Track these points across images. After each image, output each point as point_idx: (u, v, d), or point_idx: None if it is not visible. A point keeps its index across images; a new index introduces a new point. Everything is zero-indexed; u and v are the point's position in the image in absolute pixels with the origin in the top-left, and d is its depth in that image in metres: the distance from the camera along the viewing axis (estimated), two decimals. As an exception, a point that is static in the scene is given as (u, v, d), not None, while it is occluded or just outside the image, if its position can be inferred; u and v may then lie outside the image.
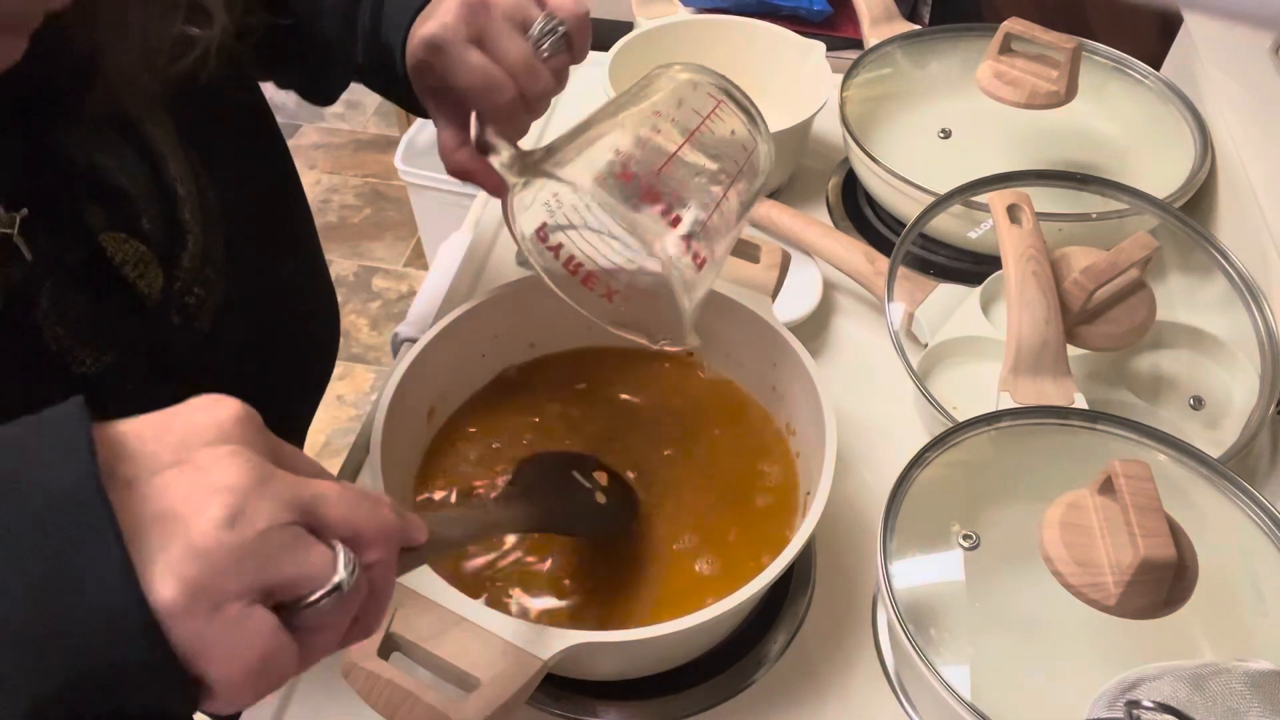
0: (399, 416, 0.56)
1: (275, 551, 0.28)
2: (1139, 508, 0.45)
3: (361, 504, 0.32)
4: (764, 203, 0.80)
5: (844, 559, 0.63)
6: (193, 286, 0.51)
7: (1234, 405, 0.68)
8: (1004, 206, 0.66)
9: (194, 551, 0.27)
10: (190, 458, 0.29)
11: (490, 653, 0.45)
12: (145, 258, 0.49)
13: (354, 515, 0.31)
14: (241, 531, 0.28)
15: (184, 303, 0.51)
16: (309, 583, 0.29)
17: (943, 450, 0.57)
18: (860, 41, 0.92)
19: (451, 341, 0.61)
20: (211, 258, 0.53)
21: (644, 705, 0.56)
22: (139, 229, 0.48)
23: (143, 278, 0.49)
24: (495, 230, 0.86)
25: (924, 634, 0.50)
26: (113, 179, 0.47)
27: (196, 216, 0.52)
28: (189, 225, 0.51)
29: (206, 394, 0.31)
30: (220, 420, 0.30)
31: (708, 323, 0.64)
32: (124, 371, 0.48)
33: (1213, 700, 0.43)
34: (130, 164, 0.48)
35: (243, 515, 0.28)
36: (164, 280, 0.50)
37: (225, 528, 0.27)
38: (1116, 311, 0.65)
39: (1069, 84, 0.76)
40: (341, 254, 2.11)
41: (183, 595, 0.26)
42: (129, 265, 0.48)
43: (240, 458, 0.29)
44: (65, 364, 0.46)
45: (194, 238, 0.51)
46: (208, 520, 0.27)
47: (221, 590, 0.27)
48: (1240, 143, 0.78)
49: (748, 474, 0.62)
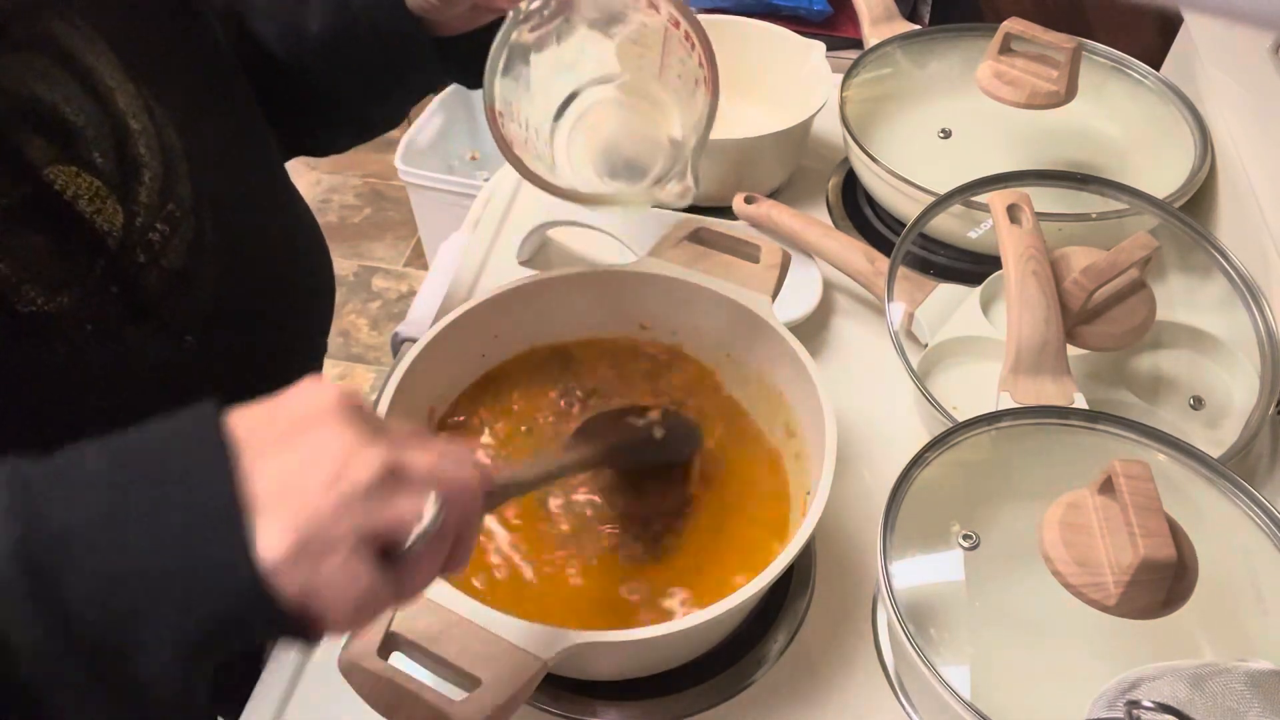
0: (399, 416, 0.56)
1: (369, 505, 0.33)
2: (1139, 508, 0.45)
3: (446, 460, 0.36)
4: (764, 202, 0.80)
5: (844, 559, 0.63)
6: (155, 223, 0.50)
7: (1234, 405, 0.68)
8: (1004, 206, 0.66)
9: (298, 515, 0.32)
10: (294, 440, 0.33)
11: (490, 653, 0.45)
12: (100, 192, 0.48)
13: (439, 469, 0.36)
14: (340, 490, 0.33)
15: (148, 240, 0.50)
16: (402, 527, 0.34)
17: (943, 450, 0.57)
18: (860, 41, 0.92)
19: (451, 341, 0.61)
20: (175, 194, 0.51)
21: (644, 705, 0.56)
22: (90, 163, 0.47)
23: (100, 213, 0.48)
24: (495, 230, 0.86)
25: (924, 634, 0.50)
26: (57, 111, 0.46)
27: (154, 151, 0.51)
28: (145, 159, 0.50)
29: (308, 380, 0.36)
30: (321, 404, 0.34)
31: (708, 322, 0.65)
32: (88, 311, 0.47)
33: (1213, 700, 0.43)
34: (76, 97, 0.48)
35: (340, 478, 0.33)
36: (124, 216, 0.49)
37: (325, 491, 0.32)
38: (1116, 311, 0.65)
39: (1069, 84, 0.76)
40: (341, 254, 2.11)
41: (290, 551, 0.32)
42: (83, 200, 0.47)
43: (336, 430, 0.34)
44: (9, 302, 0.44)
45: (151, 173, 0.50)
46: (311, 487, 0.32)
47: (324, 542, 0.32)
48: (1240, 143, 0.78)
49: (748, 473, 0.62)
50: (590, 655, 0.48)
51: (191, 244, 0.52)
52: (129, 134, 0.50)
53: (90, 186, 0.47)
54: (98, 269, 0.48)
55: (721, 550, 0.58)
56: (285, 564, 0.32)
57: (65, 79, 0.47)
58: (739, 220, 0.81)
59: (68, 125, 0.47)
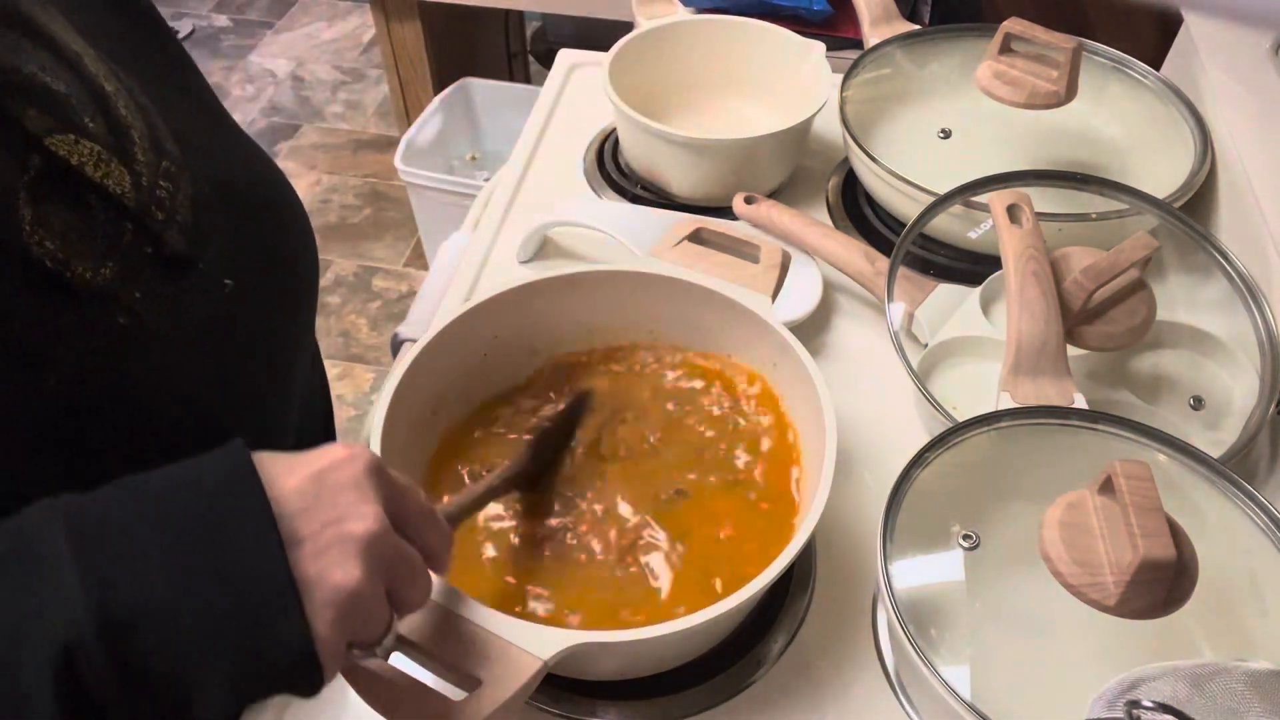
0: (399, 416, 0.56)
1: (388, 573, 0.40)
2: (1139, 508, 0.45)
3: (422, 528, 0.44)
4: (764, 202, 0.80)
5: (844, 559, 0.63)
6: (158, 180, 0.50)
7: (1234, 405, 0.68)
8: (1004, 206, 0.66)
9: (340, 593, 0.38)
10: (335, 516, 0.38)
11: (490, 653, 0.45)
12: (102, 156, 0.48)
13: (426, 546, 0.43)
14: (368, 565, 0.39)
15: (158, 198, 0.50)
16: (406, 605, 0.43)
17: (943, 450, 0.57)
18: (860, 41, 0.92)
19: (451, 342, 0.61)
20: (164, 150, 0.51)
21: (644, 705, 0.56)
22: (84, 129, 0.47)
23: (108, 176, 0.48)
24: (495, 230, 0.86)
25: (924, 634, 0.50)
26: (38, 81, 0.46)
27: (133, 111, 0.51)
28: (129, 120, 0.50)
29: (340, 446, 0.41)
30: (356, 475, 0.40)
31: (708, 322, 0.65)
32: (132, 277, 0.48)
33: (1213, 700, 0.43)
34: (52, 66, 0.47)
35: (367, 554, 0.39)
36: (130, 177, 0.49)
37: (356, 565, 0.38)
38: (1116, 311, 0.65)
39: (1069, 84, 0.76)
40: (341, 254, 2.11)
41: (333, 625, 0.37)
42: (89, 165, 0.47)
43: (365, 508, 0.39)
44: (66, 281, 0.45)
45: (138, 132, 0.50)
46: (348, 566, 0.38)
47: (358, 612, 0.39)
48: (1240, 143, 0.78)
49: (748, 474, 0.62)
50: (590, 655, 0.48)
51: (194, 197, 0.52)
52: (107, 97, 0.50)
53: (92, 152, 0.47)
54: (126, 234, 0.48)
55: (721, 550, 0.58)
56: (329, 635, 0.37)
57: (36, 49, 0.47)
58: (739, 220, 0.81)
59: (53, 94, 0.47)
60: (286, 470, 0.39)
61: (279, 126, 2.42)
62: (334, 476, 0.39)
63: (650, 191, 0.89)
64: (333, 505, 0.38)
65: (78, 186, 0.47)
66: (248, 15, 2.79)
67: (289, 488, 0.38)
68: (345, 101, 2.50)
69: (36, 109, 0.46)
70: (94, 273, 0.46)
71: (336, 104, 2.50)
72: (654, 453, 0.62)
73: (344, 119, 2.46)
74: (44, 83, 0.46)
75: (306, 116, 2.46)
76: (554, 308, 0.65)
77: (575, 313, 0.66)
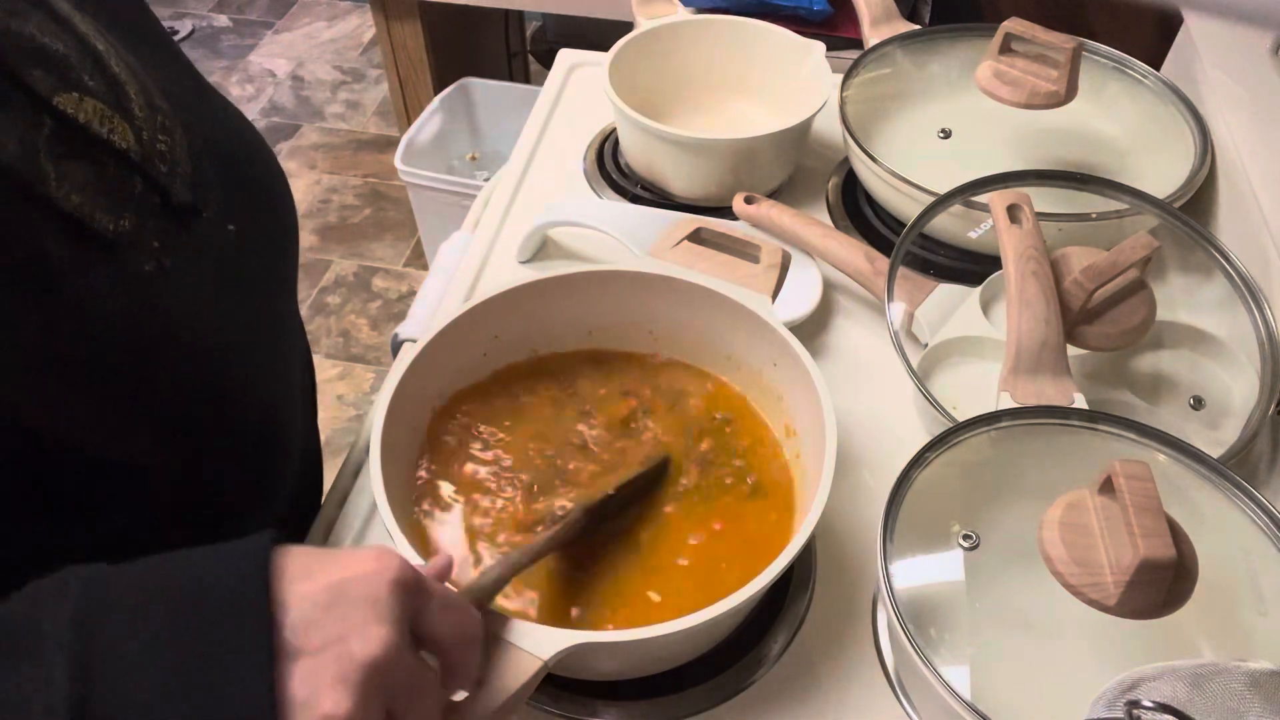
0: (399, 417, 0.56)
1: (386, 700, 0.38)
2: (1139, 508, 0.45)
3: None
4: (764, 203, 0.80)
5: (844, 559, 0.63)
6: (157, 134, 0.51)
7: (1234, 405, 0.68)
8: (1004, 206, 0.66)
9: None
10: (341, 634, 0.37)
11: (490, 653, 0.45)
12: (105, 113, 0.48)
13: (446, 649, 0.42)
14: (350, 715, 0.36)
15: (159, 151, 0.51)
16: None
17: (943, 450, 0.57)
18: (860, 41, 0.92)
19: (452, 342, 0.61)
20: (156, 106, 0.52)
21: (644, 705, 0.56)
22: (86, 87, 0.48)
23: (114, 132, 0.48)
24: (495, 230, 0.86)
25: (924, 634, 0.51)
26: (40, 41, 0.47)
27: (125, 68, 0.51)
28: (122, 76, 0.51)
29: (371, 554, 0.39)
30: (377, 590, 0.38)
31: (708, 322, 0.65)
32: (149, 227, 0.49)
33: (1213, 700, 0.43)
34: (48, 27, 0.48)
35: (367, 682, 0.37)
36: (132, 133, 0.50)
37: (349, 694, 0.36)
38: (1116, 311, 0.65)
39: (1069, 84, 0.76)
40: (341, 254, 2.11)
41: None
42: (96, 122, 0.48)
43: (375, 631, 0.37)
44: (91, 229, 0.46)
45: (132, 88, 0.51)
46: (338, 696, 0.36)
47: None
48: (1240, 143, 0.78)
49: (748, 474, 0.62)
50: (590, 655, 0.48)
51: (189, 149, 0.53)
52: (100, 55, 0.50)
53: (96, 110, 0.48)
54: (137, 186, 0.49)
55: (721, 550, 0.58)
56: None
57: (30, 10, 0.48)
58: (739, 220, 0.81)
59: (53, 54, 0.47)
60: (305, 573, 0.38)
61: (279, 126, 2.42)
62: (354, 589, 0.38)
63: (650, 191, 0.90)
64: (342, 620, 0.37)
65: (86, 144, 0.47)
66: (248, 15, 2.79)
67: (302, 593, 0.37)
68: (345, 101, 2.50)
69: (41, 69, 0.46)
70: (115, 224, 0.47)
71: (336, 104, 2.50)
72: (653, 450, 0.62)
73: (344, 119, 2.46)
74: (43, 44, 0.47)
75: (306, 116, 2.46)
76: (554, 308, 0.65)
77: (575, 313, 0.66)
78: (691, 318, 0.65)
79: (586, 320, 0.67)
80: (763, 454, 0.63)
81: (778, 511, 0.60)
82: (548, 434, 0.63)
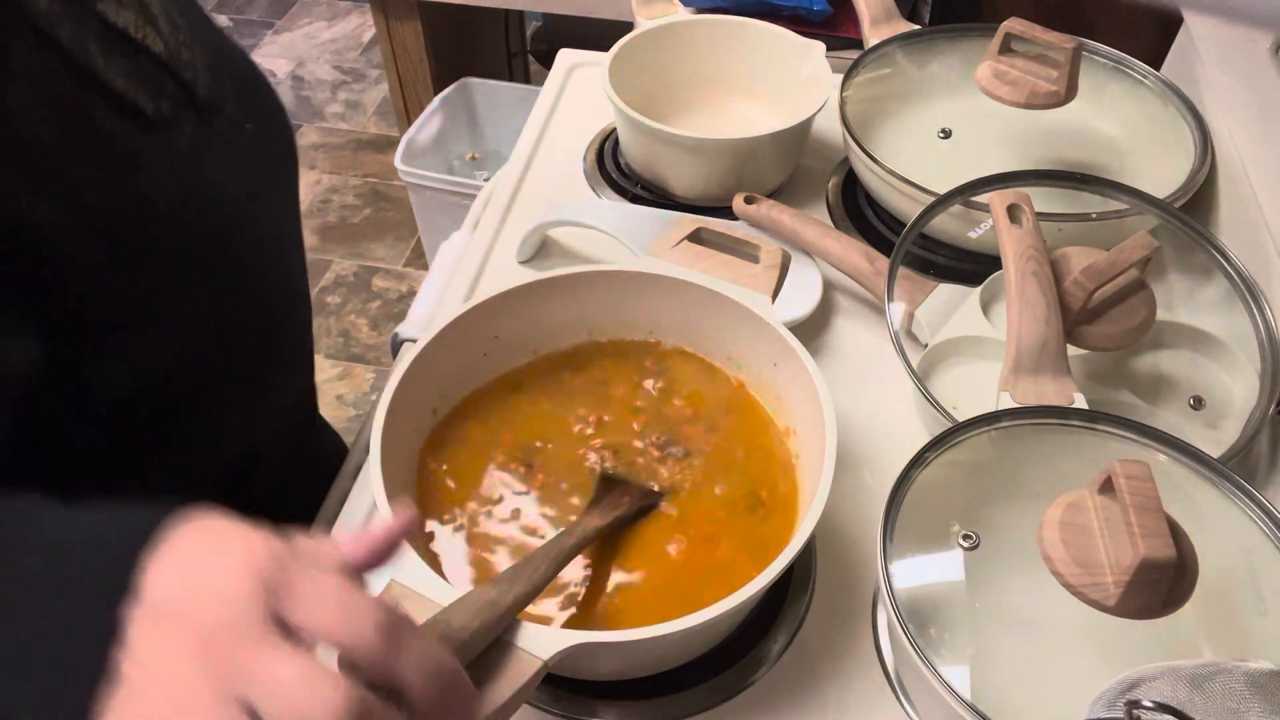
0: (399, 417, 0.56)
1: None
2: (1139, 508, 0.45)
3: None
4: (764, 203, 0.80)
5: (844, 559, 0.63)
6: (180, 45, 0.55)
7: (1234, 405, 0.68)
8: (1004, 206, 0.66)
9: None
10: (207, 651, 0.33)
11: (490, 652, 0.45)
12: (138, 21, 0.52)
13: None
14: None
15: (183, 60, 0.55)
16: None
17: (943, 450, 0.57)
18: (860, 41, 0.92)
19: (452, 342, 0.61)
20: (178, 24, 0.56)
21: (644, 705, 0.56)
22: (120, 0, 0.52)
23: (147, 38, 0.53)
24: (495, 230, 0.86)
25: (924, 634, 0.51)
26: None
27: None
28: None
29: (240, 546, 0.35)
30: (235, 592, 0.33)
31: (708, 322, 0.65)
32: (181, 115, 0.54)
33: (1213, 700, 0.43)
34: None
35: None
36: (162, 41, 0.54)
37: None
38: (1116, 311, 0.65)
39: (1069, 84, 0.76)
40: (341, 254, 2.11)
41: None
42: (132, 28, 0.52)
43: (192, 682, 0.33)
44: (136, 107, 0.51)
45: (156, 7, 0.55)
46: None
47: None
48: (1240, 143, 0.78)
49: (747, 474, 0.62)
50: (590, 655, 0.48)
51: (204, 59, 0.57)
52: None
53: (132, 19, 0.52)
54: (169, 84, 0.54)
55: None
56: None
57: None
58: (739, 220, 0.81)
59: None
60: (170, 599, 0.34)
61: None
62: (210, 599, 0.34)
63: (650, 191, 0.90)
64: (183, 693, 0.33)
65: (125, 42, 0.51)
66: (248, 15, 2.79)
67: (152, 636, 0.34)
68: (345, 101, 2.51)
69: None
70: (155, 106, 0.52)
71: (336, 104, 2.50)
72: (652, 450, 0.62)
73: (344, 119, 2.46)
74: None
75: (307, 116, 2.46)
76: (554, 308, 0.65)
77: (575, 312, 0.66)
78: (691, 318, 0.65)
79: (586, 320, 0.67)
80: (763, 454, 0.63)
81: (778, 511, 0.60)
82: (548, 433, 0.63)
